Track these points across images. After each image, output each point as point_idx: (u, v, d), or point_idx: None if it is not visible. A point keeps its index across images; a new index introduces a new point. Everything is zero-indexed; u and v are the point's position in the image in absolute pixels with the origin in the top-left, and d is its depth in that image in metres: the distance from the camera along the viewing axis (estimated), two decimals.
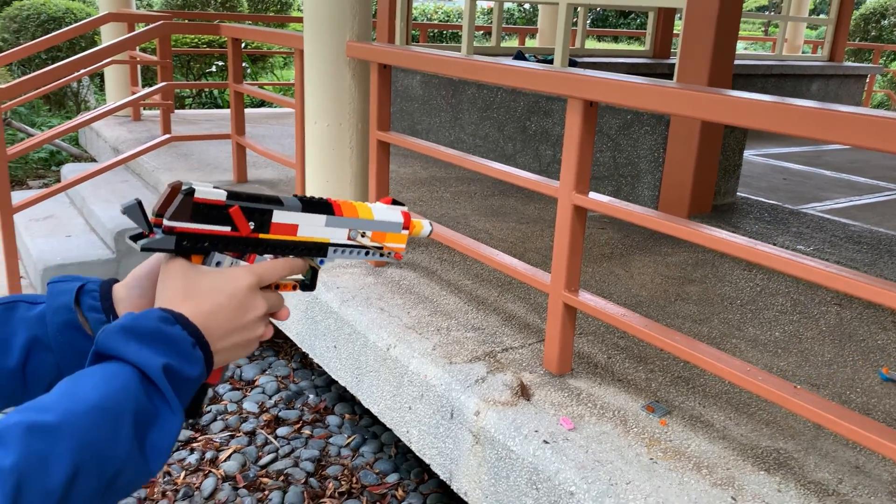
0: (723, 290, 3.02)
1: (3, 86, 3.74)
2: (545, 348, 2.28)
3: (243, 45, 4.25)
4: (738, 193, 4.13)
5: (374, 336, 2.52)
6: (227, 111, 6.98)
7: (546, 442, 1.92)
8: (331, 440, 2.82)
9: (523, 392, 2.15)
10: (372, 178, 2.98)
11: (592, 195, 2.09)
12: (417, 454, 2.34)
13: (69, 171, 5.31)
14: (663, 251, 3.46)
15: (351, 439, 2.83)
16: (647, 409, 2.08)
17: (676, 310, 2.78)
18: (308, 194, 3.25)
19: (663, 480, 1.78)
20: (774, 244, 3.36)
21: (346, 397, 3.09)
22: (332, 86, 3.06)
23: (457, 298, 2.78)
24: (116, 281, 0.84)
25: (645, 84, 1.87)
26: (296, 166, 3.58)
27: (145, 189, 4.76)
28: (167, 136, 4.35)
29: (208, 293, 0.72)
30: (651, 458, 1.86)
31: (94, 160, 6.19)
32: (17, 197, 4.63)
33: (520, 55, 5.86)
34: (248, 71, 10.22)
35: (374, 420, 2.97)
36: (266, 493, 2.50)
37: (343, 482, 2.58)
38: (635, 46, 17.49)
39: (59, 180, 5.84)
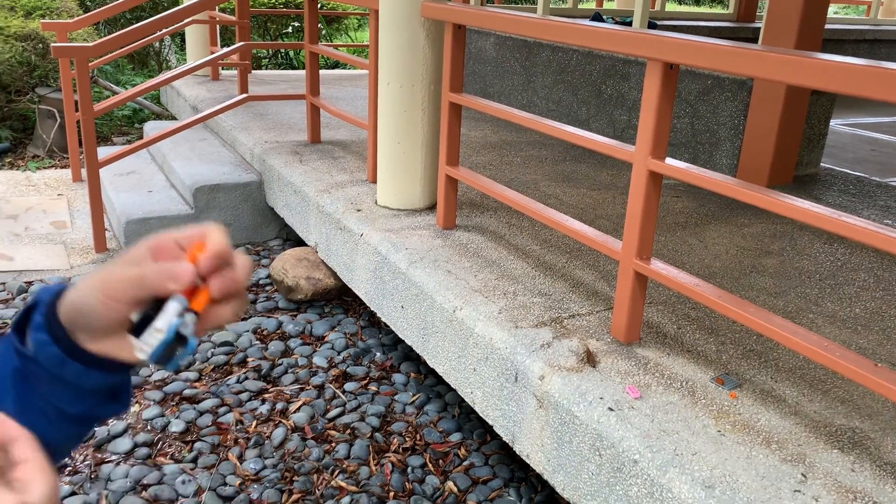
0: (801, 264, 2.91)
1: (90, 44, 3.87)
2: (613, 316, 2.26)
3: (319, 6, 4.28)
4: (821, 164, 3.96)
5: (441, 298, 2.54)
6: (302, 72, 7.06)
7: (611, 409, 1.91)
8: (396, 397, 2.87)
9: (589, 359, 2.14)
10: (443, 141, 2.97)
11: (669, 161, 2.04)
12: (481, 415, 2.37)
13: (151, 128, 5.49)
14: (740, 221, 3.35)
15: (416, 397, 2.88)
16: (717, 381, 2.05)
17: (751, 282, 2.70)
18: (380, 154, 3.29)
19: (730, 453, 1.75)
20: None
21: (411, 357, 3.14)
22: (406, 47, 3.06)
23: (524, 263, 2.77)
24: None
25: (728, 46, 1.80)
26: (368, 128, 3.61)
27: (223, 147, 4.88)
28: (244, 95, 4.43)
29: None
30: (719, 431, 1.83)
31: (174, 118, 6.37)
32: (103, 153, 4.82)
33: (597, 17, 5.71)
34: (323, 32, 10.28)
35: (439, 380, 3.01)
36: (333, 444, 2.58)
37: (407, 438, 2.64)
38: (718, 9, 16.79)
39: (141, 137, 6.04)
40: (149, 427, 2.61)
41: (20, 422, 0.52)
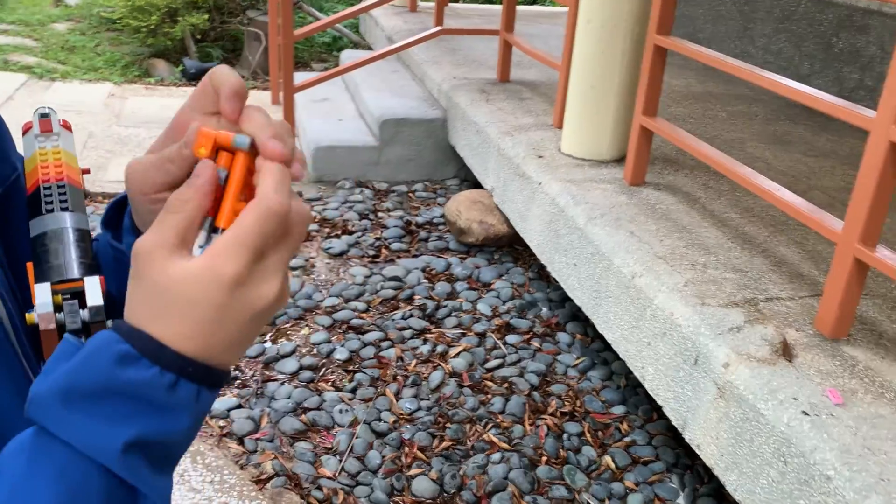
0: None
1: None
2: (820, 305, 1.96)
3: None
4: None
5: (620, 261, 2.35)
6: (499, 7, 6.88)
7: (805, 413, 1.66)
8: (558, 357, 2.74)
9: (785, 351, 1.88)
10: (642, 87, 2.72)
11: None
12: (650, 393, 2.18)
13: (346, 57, 5.59)
14: None
15: (580, 361, 2.73)
16: None
17: None
18: (569, 97, 3.08)
19: None
20: None
21: (579, 317, 2.98)
22: None
23: (719, 232, 2.50)
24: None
25: None
26: (560, 68, 3.40)
27: (412, 81, 4.86)
28: (437, 28, 4.35)
29: (183, 308, 0.46)
30: None
31: (370, 48, 6.46)
32: (300, 78, 4.97)
33: None
34: None
35: (607, 346, 2.83)
36: (489, 396, 2.51)
37: (566, 402, 2.51)
38: None
39: (338, 65, 6.19)
40: (315, 351, 2.68)
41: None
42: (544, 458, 2.26)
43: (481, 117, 3.66)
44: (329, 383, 2.52)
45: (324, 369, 2.59)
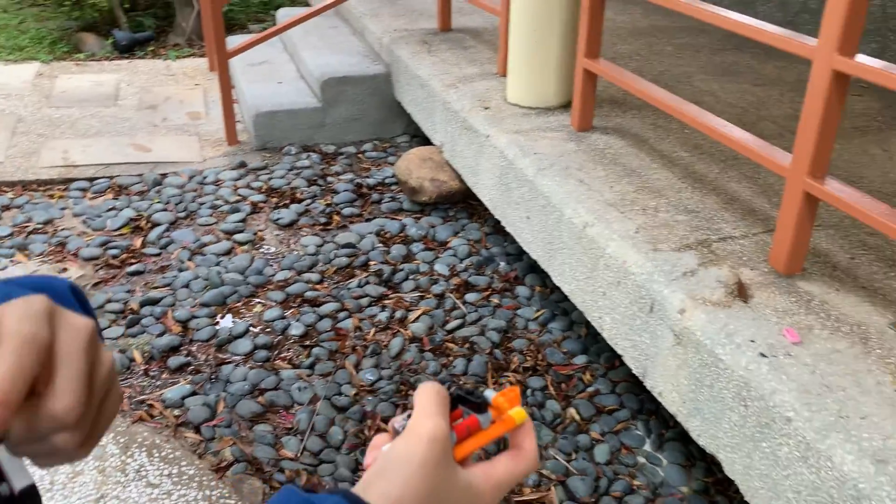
0: None
1: None
2: (774, 242, 1.94)
3: None
4: None
5: (570, 211, 2.29)
6: None
7: (763, 355, 1.65)
8: (519, 312, 2.70)
9: (741, 292, 1.85)
10: (583, 29, 2.63)
11: (860, 58, 1.64)
12: (608, 342, 2.16)
13: (283, 15, 5.38)
14: None
15: (540, 313, 2.70)
16: None
17: None
18: (511, 44, 2.96)
19: None
20: None
21: (537, 268, 2.93)
22: None
23: (669, 173, 2.45)
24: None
25: None
26: (500, 13, 3.28)
27: (352, 35, 4.70)
28: None
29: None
30: None
31: (307, 4, 6.23)
32: (235, 41, 4.78)
33: None
34: None
35: (566, 296, 2.80)
36: (451, 358, 2.47)
37: (528, 357, 2.48)
38: None
39: (275, 25, 5.96)
40: (269, 329, 2.60)
41: None
42: None
43: (424, 70, 3.54)
44: (286, 361, 2.46)
45: (280, 347, 2.52)
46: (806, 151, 1.76)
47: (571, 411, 2.27)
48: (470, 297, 2.77)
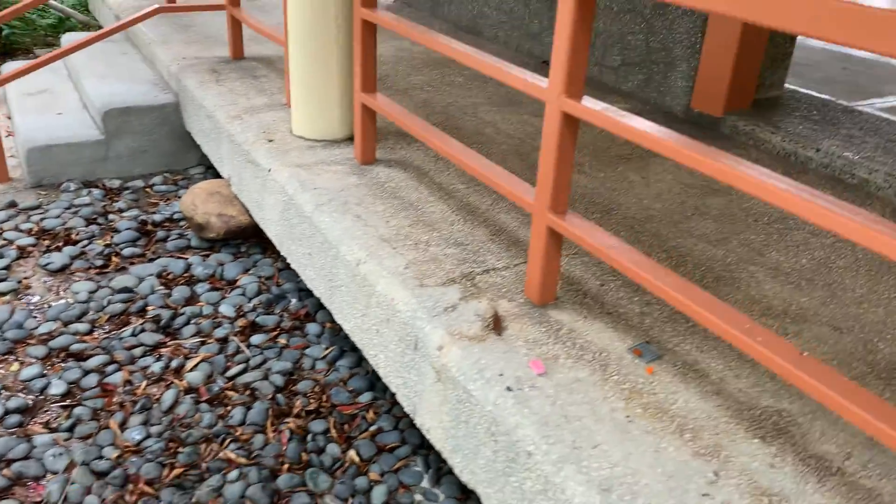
0: (749, 205, 2.66)
1: None
2: (527, 273, 2.00)
3: None
4: (785, 85, 3.65)
5: (346, 248, 2.27)
6: None
7: (509, 389, 1.69)
8: (307, 351, 2.64)
9: (496, 325, 1.90)
10: (357, 65, 2.62)
11: (586, 101, 1.74)
12: (384, 381, 2.14)
13: (67, 40, 5.02)
14: None
15: (329, 351, 2.65)
16: (635, 352, 1.82)
17: (691, 227, 2.45)
18: (292, 75, 2.91)
19: (637, 445, 1.54)
20: (818, 150, 2.96)
21: None
22: None
23: (444, 206, 2.49)
24: None
25: None
26: (284, 42, 3.22)
27: (143, 63, 4.45)
28: (155, 6, 3.98)
29: None
30: (627, 417, 1.62)
31: (101, 28, 5.86)
32: (11, 67, 4.39)
33: None
34: None
35: None
36: (228, 408, 2.35)
37: (312, 400, 2.42)
38: None
39: None
40: (25, 389, 2.37)
41: None
42: (286, 466, 2.16)
43: (210, 100, 3.41)
44: (42, 425, 2.24)
45: (36, 410, 2.30)
46: (546, 188, 1.84)
47: (352, 453, 2.23)
48: (256, 338, 2.67)
